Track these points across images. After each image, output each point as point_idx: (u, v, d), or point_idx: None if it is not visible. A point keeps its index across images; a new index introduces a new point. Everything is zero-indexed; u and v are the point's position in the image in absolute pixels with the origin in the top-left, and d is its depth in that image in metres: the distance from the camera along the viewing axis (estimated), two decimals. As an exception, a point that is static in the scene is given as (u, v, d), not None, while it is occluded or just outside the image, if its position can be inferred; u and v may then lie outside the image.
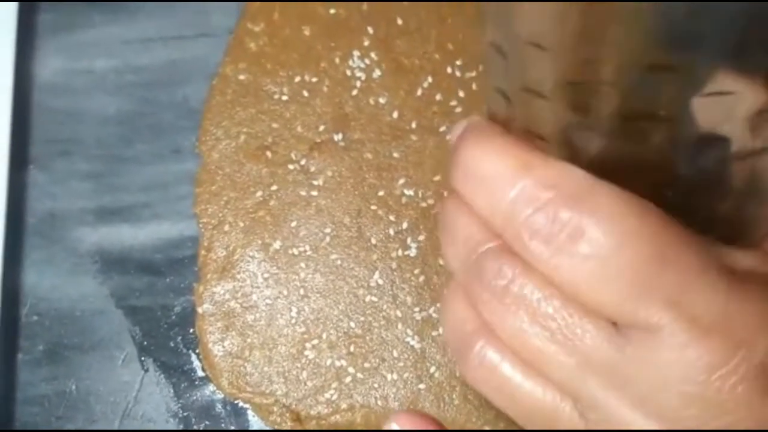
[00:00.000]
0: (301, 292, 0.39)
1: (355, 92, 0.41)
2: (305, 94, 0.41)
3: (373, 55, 0.41)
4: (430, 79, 0.41)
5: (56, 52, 0.42)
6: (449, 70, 0.40)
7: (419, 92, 0.41)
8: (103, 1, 0.43)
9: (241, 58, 0.42)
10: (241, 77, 0.41)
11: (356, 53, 0.41)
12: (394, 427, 0.24)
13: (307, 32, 0.41)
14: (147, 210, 0.41)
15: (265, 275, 0.40)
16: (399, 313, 0.39)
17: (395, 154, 0.40)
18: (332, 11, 0.41)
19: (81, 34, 0.43)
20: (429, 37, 0.41)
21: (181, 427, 0.39)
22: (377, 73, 0.41)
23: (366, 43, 0.41)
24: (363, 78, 0.41)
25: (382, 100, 0.41)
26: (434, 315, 0.39)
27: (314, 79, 0.41)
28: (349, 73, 0.41)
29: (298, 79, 0.41)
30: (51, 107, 0.42)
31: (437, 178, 0.40)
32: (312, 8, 0.41)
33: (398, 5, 0.41)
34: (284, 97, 0.41)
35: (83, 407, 0.39)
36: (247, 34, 0.42)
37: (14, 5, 0.41)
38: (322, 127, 0.41)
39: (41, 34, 0.43)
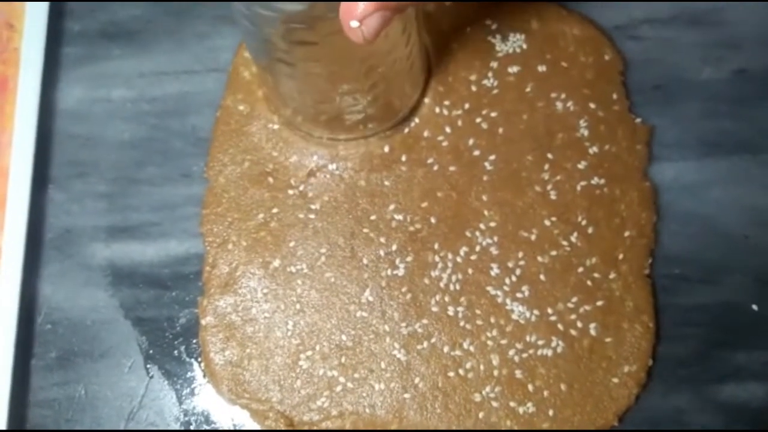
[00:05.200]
0: (297, 306, 0.42)
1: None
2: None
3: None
4: (416, 120, 0.44)
5: (78, 83, 0.46)
6: (437, 109, 0.44)
7: (406, 130, 0.44)
8: (121, 37, 0.46)
9: (238, 89, 0.45)
10: (240, 107, 0.45)
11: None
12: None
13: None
14: (156, 228, 0.44)
15: (265, 291, 0.42)
16: (387, 328, 0.42)
17: (386, 183, 0.43)
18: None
19: (101, 66, 0.46)
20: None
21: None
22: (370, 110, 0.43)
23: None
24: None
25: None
26: (420, 330, 0.42)
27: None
28: (353, 116, 0.42)
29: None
30: (71, 132, 0.45)
31: (424, 204, 0.43)
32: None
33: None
34: (275, 126, 0.44)
35: (91, 411, 0.42)
36: (242, 63, 0.45)
37: (42, 39, 0.44)
38: (316, 157, 0.44)
39: (65, 65, 0.46)
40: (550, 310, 0.41)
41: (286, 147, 0.44)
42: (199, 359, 0.42)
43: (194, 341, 0.43)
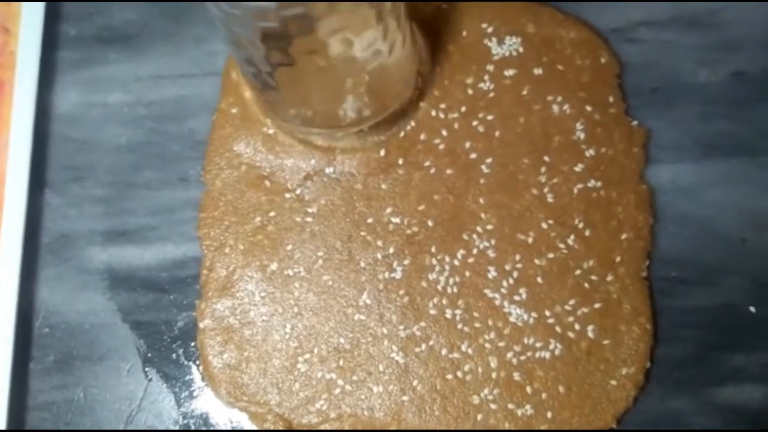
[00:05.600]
0: (295, 310, 0.42)
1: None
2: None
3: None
4: (413, 123, 0.44)
5: (74, 87, 0.46)
6: (433, 113, 0.44)
7: (402, 134, 0.44)
8: (118, 40, 0.46)
9: (231, 92, 0.45)
10: (235, 110, 0.44)
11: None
12: None
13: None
14: (154, 232, 0.44)
15: (262, 294, 0.42)
16: (385, 331, 0.42)
17: (383, 186, 0.43)
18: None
19: (97, 70, 0.46)
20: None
21: (180, 434, 0.42)
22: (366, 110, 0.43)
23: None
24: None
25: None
26: (417, 333, 0.42)
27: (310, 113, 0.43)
28: (341, 113, 0.42)
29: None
30: (68, 136, 0.45)
31: (421, 207, 0.43)
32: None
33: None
34: (271, 131, 0.44)
35: (90, 414, 0.42)
36: (233, 66, 0.45)
37: (38, 43, 0.44)
38: (313, 161, 0.44)
39: (61, 69, 0.46)
40: (547, 313, 0.41)
41: (283, 150, 0.44)
42: (198, 362, 0.42)
43: (192, 344, 0.43)
